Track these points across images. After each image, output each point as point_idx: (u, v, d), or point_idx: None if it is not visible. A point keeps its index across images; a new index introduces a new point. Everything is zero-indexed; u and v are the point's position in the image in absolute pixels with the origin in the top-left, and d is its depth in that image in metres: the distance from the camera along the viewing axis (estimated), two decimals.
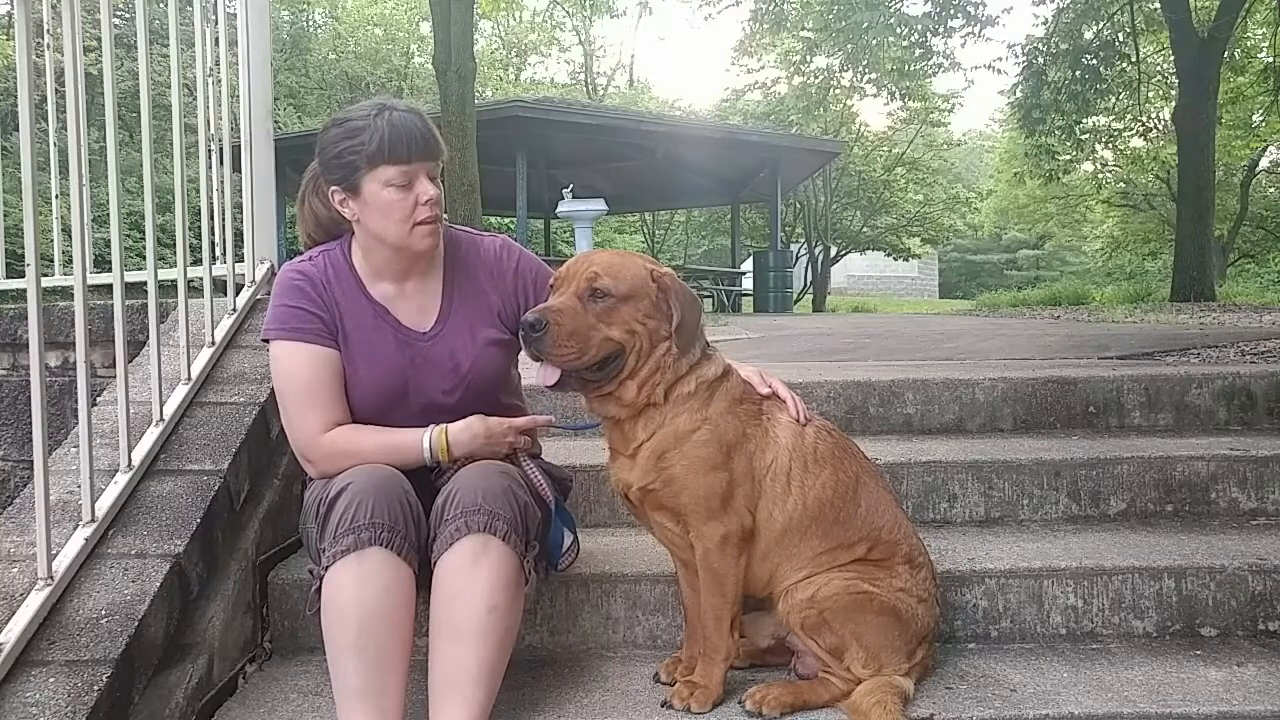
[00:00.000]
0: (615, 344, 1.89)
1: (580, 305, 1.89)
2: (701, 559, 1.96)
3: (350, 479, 1.90)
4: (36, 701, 1.65)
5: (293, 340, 2.03)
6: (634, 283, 1.92)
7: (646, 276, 1.94)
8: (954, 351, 5.36)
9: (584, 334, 1.87)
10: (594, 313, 1.88)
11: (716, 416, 1.96)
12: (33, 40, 1.80)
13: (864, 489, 2.06)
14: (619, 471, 2.04)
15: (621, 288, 1.90)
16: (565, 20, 33.76)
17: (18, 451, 3.46)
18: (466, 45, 11.45)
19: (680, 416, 1.95)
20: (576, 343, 1.86)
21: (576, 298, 1.89)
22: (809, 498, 1.99)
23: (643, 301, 1.92)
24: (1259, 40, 19.53)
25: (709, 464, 1.93)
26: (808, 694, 1.98)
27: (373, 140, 1.95)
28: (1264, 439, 3.04)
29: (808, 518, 1.99)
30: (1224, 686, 2.05)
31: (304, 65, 28.40)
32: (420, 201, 1.99)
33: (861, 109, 32.64)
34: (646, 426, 1.96)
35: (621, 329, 1.90)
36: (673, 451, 1.94)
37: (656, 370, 1.93)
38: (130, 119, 5.41)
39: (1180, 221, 15.59)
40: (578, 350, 1.86)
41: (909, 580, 2.02)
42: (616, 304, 1.90)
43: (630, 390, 1.94)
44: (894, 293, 38.10)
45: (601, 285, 1.89)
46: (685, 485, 1.93)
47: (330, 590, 1.82)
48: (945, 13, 17.04)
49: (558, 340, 1.84)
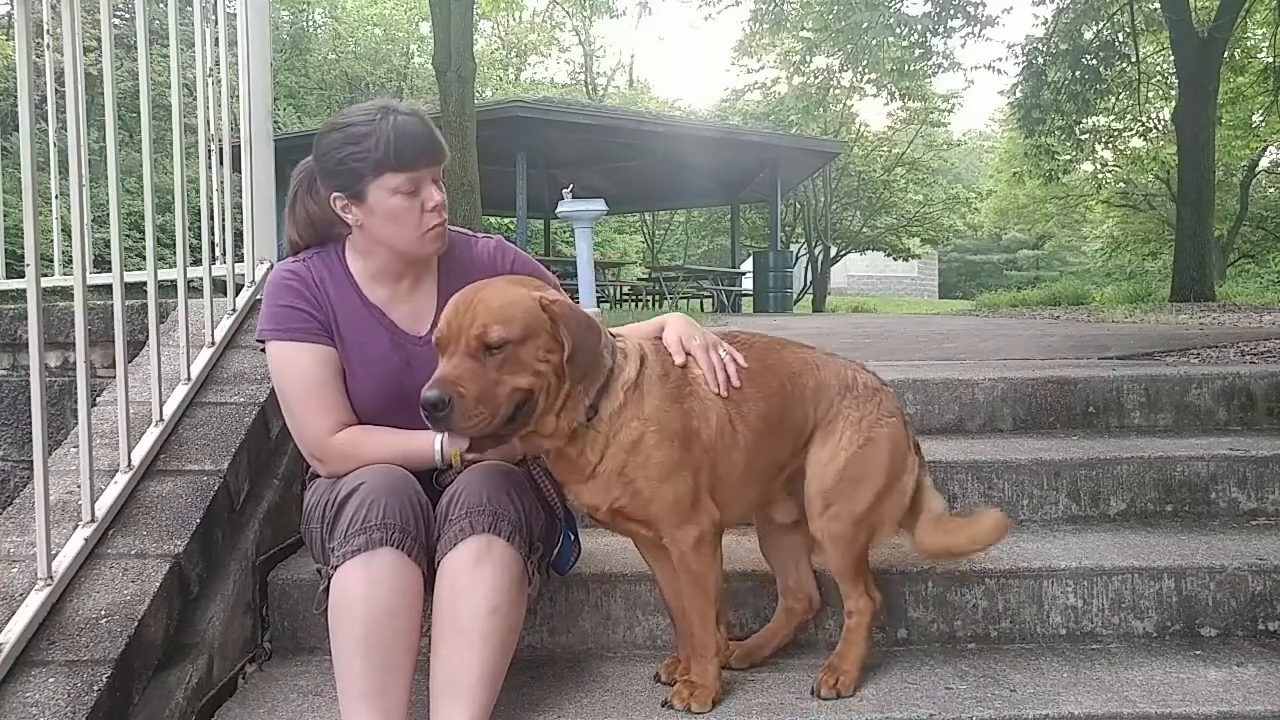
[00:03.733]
0: (524, 392, 1.77)
1: (478, 364, 1.74)
2: (679, 562, 1.96)
3: (362, 479, 1.90)
4: (36, 701, 1.65)
5: (291, 340, 2.01)
6: (526, 321, 1.77)
7: (537, 309, 1.79)
8: (954, 351, 5.36)
9: (490, 394, 1.73)
10: (493, 366, 1.74)
11: (655, 413, 1.91)
12: (33, 40, 1.80)
13: (793, 375, 2.11)
14: (583, 495, 1.95)
15: (515, 331, 1.75)
16: (565, 20, 33.77)
17: (17, 451, 3.46)
18: (466, 45, 11.45)
19: (621, 430, 1.88)
20: (486, 407, 1.72)
21: (471, 357, 1.74)
22: (751, 420, 2.02)
23: (541, 337, 1.78)
24: (1259, 40, 19.54)
25: (669, 465, 1.90)
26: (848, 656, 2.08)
27: (378, 147, 1.91)
28: (1264, 439, 3.04)
29: (758, 436, 2.03)
30: (1224, 686, 2.05)
31: (304, 65, 28.39)
32: (427, 208, 1.98)
33: (861, 109, 32.72)
34: (593, 449, 1.88)
35: (527, 374, 1.76)
36: (631, 465, 1.89)
37: (569, 396, 1.82)
38: (130, 119, 5.42)
39: (1180, 222, 15.58)
40: (489, 414, 1.73)
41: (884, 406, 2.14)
42: (515, 349, 1.75)
43: (549, 423, 1.83)
44: (894, 293, 38.10)
45: (494, 336, 1.74)
46: (653, 496, 1.90)
47: (339, 589, 1.82)
48: (945, 13, 17.05)
49: (466, 414, 1.71)
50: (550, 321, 1.79)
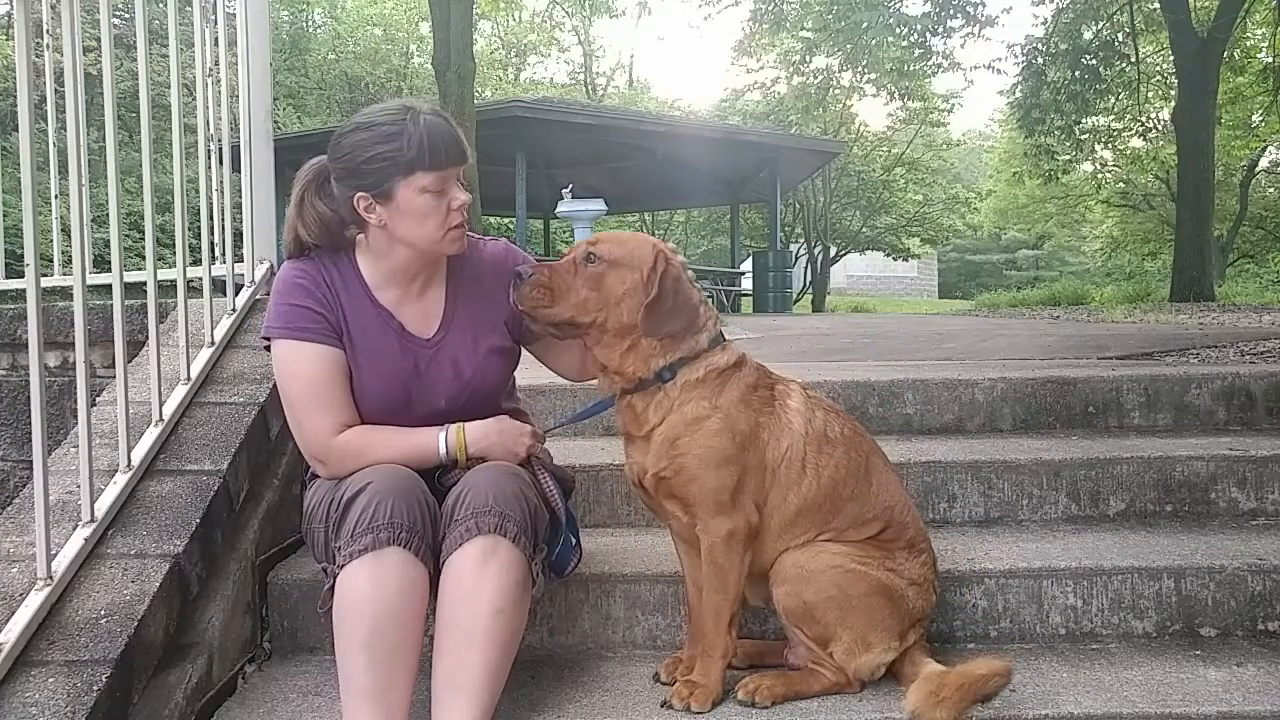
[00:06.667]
0: (585, 312, 1.97)
1: (572, 265, 1.99)
2: (707, 552, 1.99)
3: (369, 479, 1.89)
4: (36, 701, 1.65)
5: (298, 339, 2.00)
6: (630, 253, 1.99)
7: (650, 253, 1.99)
8: (953, 351, 5.36)
9: (561, 288, 1.97)
10: (582, 275, 1.98)
11: (728, 406, 1.99)
12: (32, 40, 1.79)
13: (875, 468, 2.10)
14: (634, 454, 2.07)
15: (615, 253, 1.98)
16: (565, 20, 33.75)
17: (17, 451, 3.46)
18: (466, 45, 11.46)
19: (689, 403, 1.98)
20: (547, 295, 1.97)
21: (573, 260, 2.00)
22: (823, 478, 2.02)
23: (633, 273, 1.96)
24: (1259, 40, 19.55)
25: (721, 455, 1.96)
26: (799, 684, 2.02)
27: (410, 146, 1.91)
28: (1263, 439, 3.04)
29: (822, 496, 2.02)
30: (1223, 686, 2.05)
31: (304, 65, 28.36)
32: (453, 207, 1.98)
33: (861, 109, 32.73)
34: (658, 410, 1.99)
35: (598, 298, 1.96)
36: (685, 439, 1.97)
37: (640, 343, 1.97)
38: (130, 119, 5.42)
39: (1180, 222, 15.59)
40: (546, 301, 1.97)
41: (906, 564, 2.04)
42: (605, 269, 1.97)
43: (613, 357, 2.00)
44: (893, 293, 38.13)
45: (597, 250, 1.98)
46: (696, 475, 1.96)
47: (344, 588, 1.82)
48: (945, 13, 17.07)
49: (533, 286, 1.97)
50: (652, 268, 1.96)
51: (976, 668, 1.87)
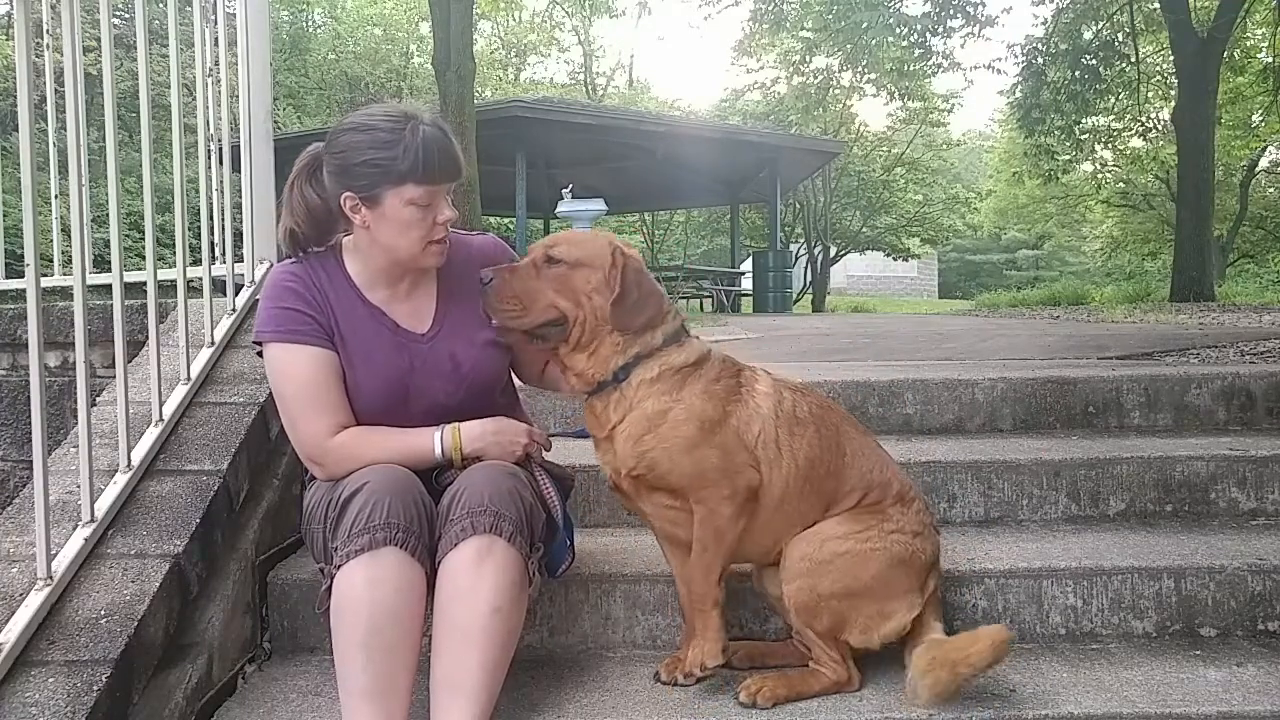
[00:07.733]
0: (557, 311, 1.97)
1: (534, 269, 1.99)
2: (705, 519, 1.97)
3: (366, 479, 1.89)
4: (36, 701, 1.65)
5: (289, 343, 2.00)
6: (589, 252, 1.99)
7: (606, 251, 2.00)
8: (953, 351, 5.36)
9: (529, 295, 1.97)
10: (546, 278, 1.98)
11: (691, 397, 1.98)
12: (32, 40, 1.79)
13: (847, 438, 2.11)
14: (602, 456, 2.08)
15: (574, 254, 1.98)
16: (565, 20, 33.72)
17: (17, 451, 3.46)
18: (466, 45, 11.45)
19: (647, 400, 1.98)
20: (520, 304, 1.97)
21: (533, 264, 2.00)
22: (799, 458, 2.03)
23: (595, 272, 1.97)
24: (1259, 40, 19.55)
25: (690, 442, 1.95)
26: (800, 684, 2.02)
27: (406, 157, 1.91)
28: (1263, 439, 3.04)
29: (800, 477, 2.03)
30: (1223, 686, 2.05)
31: (304, 65, 28.35)
32: (438, 222, 1.99)
33: (861, 109, 32.72)
34: (617, 409, 2.00)
35: (568, 298, 1.96)
36: (649, 435, 1.97)
37: (603, 344, 1.98)
38: (130, 119, 5.42)
39: (1180, 222, 15.59)
40: (520, 310, 1.97)
41: (902, 519, 2.06)
42: (568, 271, 1.97)
43: (578, 361, 2.00)
44: (893, 293, 38.13)
45: (556, 252, 1.99)
46: (671, 467, 1.96)
47: (342, 589, 1.82)
48: (945, 13, 17.07)
49: (500, 298, 1.97)
50: (611, 265, 1.97)
51: (979, 634, 1.92)
